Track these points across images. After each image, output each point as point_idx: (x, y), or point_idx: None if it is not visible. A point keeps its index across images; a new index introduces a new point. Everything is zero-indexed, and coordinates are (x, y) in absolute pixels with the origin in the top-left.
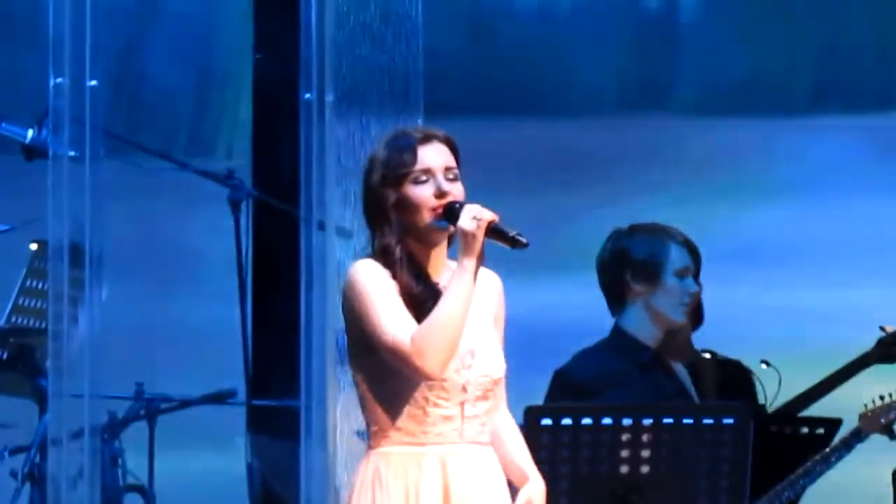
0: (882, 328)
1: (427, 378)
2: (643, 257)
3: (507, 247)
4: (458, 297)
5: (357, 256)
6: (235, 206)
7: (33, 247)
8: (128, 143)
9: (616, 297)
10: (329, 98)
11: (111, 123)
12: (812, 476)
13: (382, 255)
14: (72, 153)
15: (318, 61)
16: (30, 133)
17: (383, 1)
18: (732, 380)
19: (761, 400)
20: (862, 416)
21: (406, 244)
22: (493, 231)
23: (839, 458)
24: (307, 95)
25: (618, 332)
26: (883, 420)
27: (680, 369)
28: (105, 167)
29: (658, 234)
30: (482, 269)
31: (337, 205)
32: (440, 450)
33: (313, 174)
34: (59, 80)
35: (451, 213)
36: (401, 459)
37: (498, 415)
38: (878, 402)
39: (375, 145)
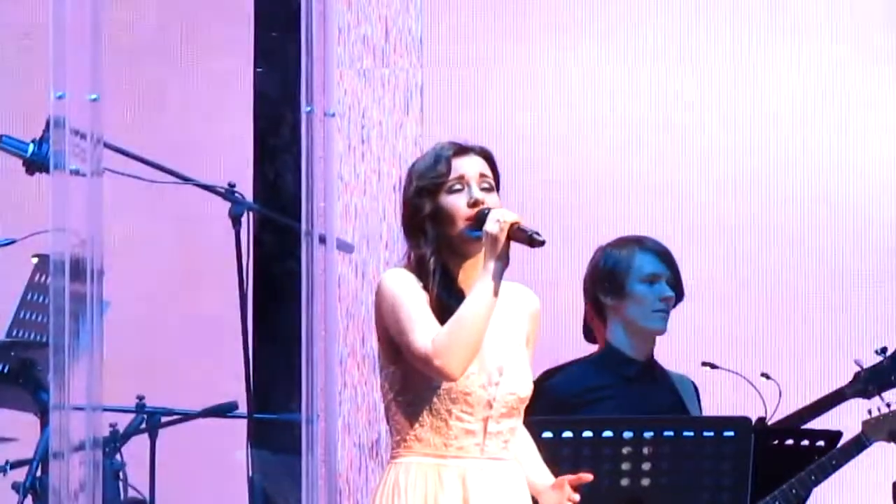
0: (857, 363)
1: (447, 379)
2: (608, 270)
3: (527, 246)
4: (480, 299)
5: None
6: (236, 220)
7: (34, 260)
8: (129, 157)
9: (598, 314)
10: (330, 111)
11: (112, 137)
12: (807, 486)
13: (417, 266)
14: (73, 167)
15: (319, 74)
16: (30, 147)
17: (384, 15)
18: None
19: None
20: (866, 423)
21: (441, 256)
22: (515, 232)
23: (836, 467)
24: (308, 109)
25: (607, 347)
26: (889, 427)
27: (677, 381)
28: (106, 181)
29: (622, 245)
30: (520, 287)
31: (338, 218)
32: (460, 463)
33: (314, 188)
34: (60, 93)
35: (480, 220)
36: (420, 470)
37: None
38: (884, 410)
39: (377, 159)
